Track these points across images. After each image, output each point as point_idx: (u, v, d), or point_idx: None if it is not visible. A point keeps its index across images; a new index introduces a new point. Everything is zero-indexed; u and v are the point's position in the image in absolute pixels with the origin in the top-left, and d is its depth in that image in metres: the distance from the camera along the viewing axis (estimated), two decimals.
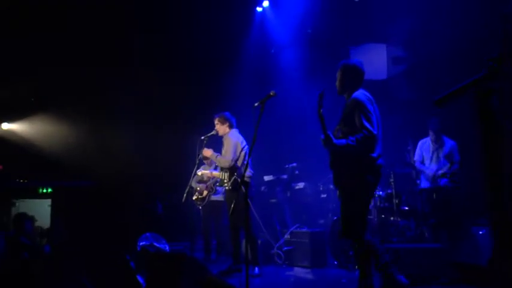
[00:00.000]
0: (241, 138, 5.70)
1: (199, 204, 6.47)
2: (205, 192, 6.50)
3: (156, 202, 8.25)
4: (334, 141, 3.66)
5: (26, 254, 4.78)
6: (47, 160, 8.29)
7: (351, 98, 3.83)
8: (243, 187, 4.41)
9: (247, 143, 5.66)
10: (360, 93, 3.84)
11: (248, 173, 5.41)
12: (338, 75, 4.01)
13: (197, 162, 6.05)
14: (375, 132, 3.63)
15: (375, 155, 3.68)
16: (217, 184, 5.89)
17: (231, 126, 5.79)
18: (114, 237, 7.61)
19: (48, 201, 7.54)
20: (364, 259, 3.68)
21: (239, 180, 5.30)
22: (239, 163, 5.51)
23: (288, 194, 7.56)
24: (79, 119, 8.62)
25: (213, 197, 6.60)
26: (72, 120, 8.67)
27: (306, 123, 4.05)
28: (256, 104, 3.98)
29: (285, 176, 7.58)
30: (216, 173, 5.89)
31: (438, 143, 6.27)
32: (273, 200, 7.64)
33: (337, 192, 3.85)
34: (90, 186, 7.95)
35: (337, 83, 4.01)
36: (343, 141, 3.67)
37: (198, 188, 6.51)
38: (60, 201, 7.54)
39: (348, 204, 3.71)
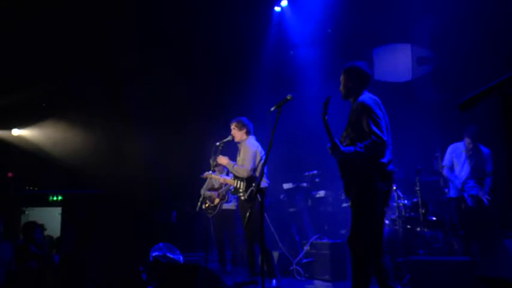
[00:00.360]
0: (260, 146, 5.66)
1: (211, 213, 6.45)
2: (216, 201, 6.46)
3: (171, 210, 8.29)
4: (342, 148, 3.64)
5: (35, 263, 4.86)
6: (58, 167, 8.40)
7: (357, 102, 3.80)
8: (258, 196, 4.39)
9: (264, 150, 5.62)
10: (367, 97, 3.80)
11: (264, 183, 5.38)
12: (342, 79, 3.99)
13: (212, 169, 6.06)
14: (385, 138, 3.60)
15: (385, 160, 3.65)
16: (231, 192, 5.85)
17: (248, 133, 5.74)
18: (126, 247, 7.68)
19: (59, 210, 7.63)
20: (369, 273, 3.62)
21: (255, 190, 5.27)
22: (257, 173, 5.46)
23: (308, 203, 7.52)
24: (92, 125, 8.73)
25: (225, 206, 6.57)
26: (85, 126, 8.78)
27: None
28: (272, 109, 3.96)
29: (304, 184, 7.54)
30: (229, 180, 5.84)
31: (473, 151, 6.12)
32: (292, 209, 7.59)
33: (350, 202, 3.81)
34: (101, 194, 8.00)
35: (341, 88, 3.99)
36: (351, 148, 3.65)
37: (207, 196, 6.49)
38: (71, 210, 7.62)
39: (359, 214, 3.66)
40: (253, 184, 5.36)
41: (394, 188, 6.16)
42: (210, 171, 6.17)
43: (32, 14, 7.24)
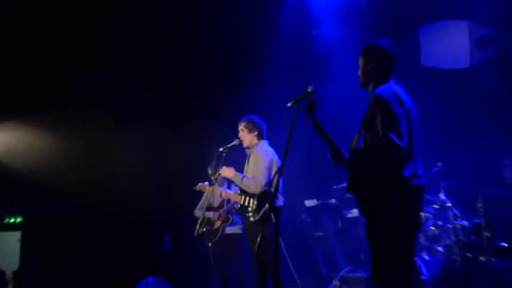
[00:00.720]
0: (275, 154, 5.62)
1: (211, 240, 6.38)
2: (217, 224, 6.38)
3: (163, 236, 8.25)
4: (348, 157, 3.62)
5: None
6: (16, 180, 8.35)
7: (373, 95, 3.74)
8: (272, 216, 4.29)
9: (280, 158, 5.55)
10: (385, 88, 3.72)
11: (279, 201, 5.33)
12: (360, 62, 3.95)
13: (213, 182, 6.02)
14: (402, 144, 3.47)
15: (406, 173, 3.54)
16: (235, 211, 5.74)
17: (260, 136, 5.71)
18: (106, 283, 7.63)
19: (18, 235, 7.59)
20: None
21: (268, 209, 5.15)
22: (272, 188, 5.39)
23: (338, 225, 7.52)
24: (61, 127, 8.68)
25: (229, 229, 6.49)
26: (53, 129, 8.73)
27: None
28: (289, 104, 3.87)
29: (333, 201, 7.52)
30: (232, 195, 5.76)
31: None
32: (318, 233, 7.62)
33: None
34: (73, 214, 7.96)
35: (359, 72, 3.97)
36: (359, 157, 3.64)
37: (206, 217, 6.38)
38: (34, 234, 7.58)
39: (376, 242, 3.59)
40: (268, 202, 5.20)
41: (449, 205, 6.13)
42: (206, 183, 6.08)
43: None
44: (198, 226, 6.16)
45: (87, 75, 8.48)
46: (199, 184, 6.24)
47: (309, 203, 7.66)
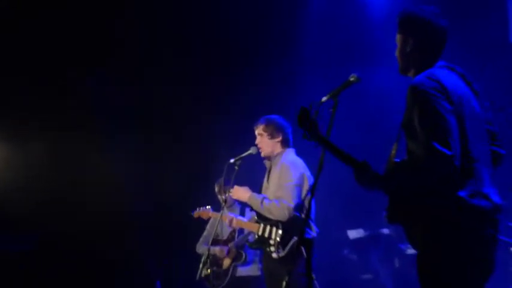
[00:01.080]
0: (307, 168, 5.61)
1: (218, 285, 6.41)
2: (226, 262, 6.43)
3: (154, 281, 8.30)
4: (373, 175, 3.57)
5: None
6: None
7: (408, 86, 3.65)
8: (303, 251, 4.27)
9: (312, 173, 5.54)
10: (424, 76, 3.61)
11: (312, 232, 5.35)
12: (397, 39, 3.86)
13: (222, 205, 5.97)
14: (450, 153, 3.35)
15: (463, 192, 3.44)
16: (249, 245, 5.73)
17: (285, 143, 5.72)
18: None
19: None
20: None
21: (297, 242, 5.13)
22: (303, 213, 5.38)
23: (395, 264, 7.59)
24: (24, 133, 8.79)
25: (241, 270, 6.51)
26: (12, 138, 8.85)
27: None
28: (324, 99, 3.87)
29: (385, 231, 7.62)
30: (246, 223, 5.77)
31: None
32: (366, 276, 7.70)
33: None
34: (32, 251, 8.01)
35: (396, 53, 3.90)
36: (396, 174, 3.60)
37: (211, 254, 6.38)
38: None
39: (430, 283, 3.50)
40: (295, 232, 5.28)
41: None
42: (208, 207, 6.07)
43: None
44: (201, 266, 6.14)
45: (59, 74, 8.75)
46: (199, 209, 6.22)
47: (352, 233, 7.75)
